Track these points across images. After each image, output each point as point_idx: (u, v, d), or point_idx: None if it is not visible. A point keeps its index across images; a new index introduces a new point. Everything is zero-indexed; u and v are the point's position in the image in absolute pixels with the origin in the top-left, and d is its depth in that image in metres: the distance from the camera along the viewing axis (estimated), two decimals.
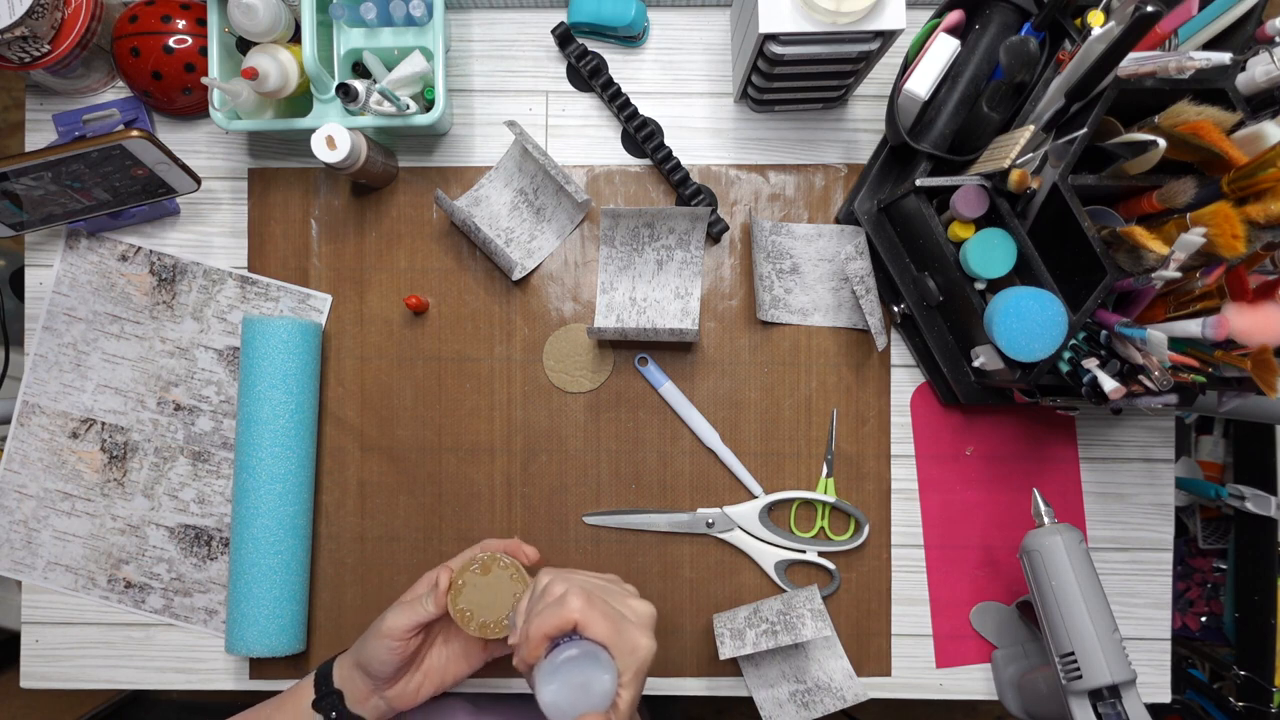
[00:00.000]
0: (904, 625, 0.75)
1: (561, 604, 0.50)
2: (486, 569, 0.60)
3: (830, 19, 0.58)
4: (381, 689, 0.59)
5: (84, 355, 0.75)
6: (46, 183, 0.67)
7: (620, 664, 0.49)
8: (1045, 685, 0.67)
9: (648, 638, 0.51)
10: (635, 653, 0.50)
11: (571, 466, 0.75)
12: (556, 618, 0.49)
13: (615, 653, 0.49)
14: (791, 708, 0.72)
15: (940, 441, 0.75)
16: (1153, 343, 0.54)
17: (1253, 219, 0.50)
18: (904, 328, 0.74)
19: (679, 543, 0.74)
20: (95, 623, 0.75)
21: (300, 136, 0.73)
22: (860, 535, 0.74)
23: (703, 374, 0.75)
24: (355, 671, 0.60)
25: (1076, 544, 0.62)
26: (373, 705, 0.60)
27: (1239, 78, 0.55)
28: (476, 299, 0.75)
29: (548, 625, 0.49)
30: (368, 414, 0.75)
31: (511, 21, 0.76)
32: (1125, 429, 0.76)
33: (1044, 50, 0.60)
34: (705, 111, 0.76)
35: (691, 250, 0.73)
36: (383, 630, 0.58)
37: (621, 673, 0.49)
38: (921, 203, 0.63)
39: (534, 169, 0.74)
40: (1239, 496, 1.04)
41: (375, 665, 0.58)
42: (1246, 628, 1.08)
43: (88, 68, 0.73)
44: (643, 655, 0.50)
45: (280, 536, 0.69)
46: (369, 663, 0.58)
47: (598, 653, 0.48)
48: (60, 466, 0.75)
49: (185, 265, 0.76)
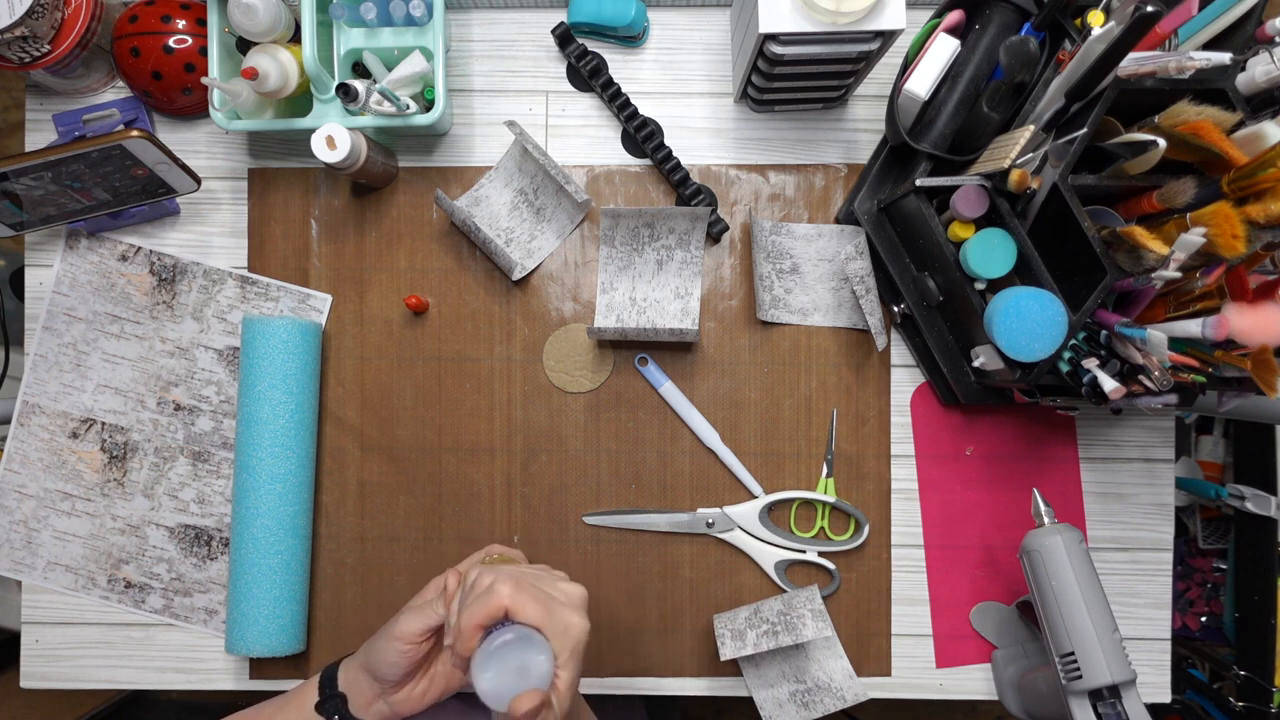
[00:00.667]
0: (904, 625, 0.75)
1: (490, 592, 0.50)
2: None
3: (830, 19, 0.58)
4: (388, 693, 0.59)
5: (84, 355, 0.75)
6: (46, 183, 0.67)
7: (555, 645, 0.49)
8: (1045, 685, 0.67)
9: (580, 617, 0.51)
10: (569, 632, 0.50)
11: (571, 466, 0.75)
12: (487, 605, 0.49)
13: (549, 634, 0.49)
14: (791, 708, 0.72)
15: (940, 441, 0.75)
16: (1153, 343, 0.54)
17: (1253, 219, 0.50)
18: (904, 328, 0.74)
19: (679, 543, 0.74)
20: (95, 623, 0.75)
21: (300, 136, 0.73)
22: (860, 535, 0.74)
23: (703, 374, 0.75)
24: (362, 675, 0.59)
25: (1076, 544, 0.62)
26: (376, 710, 0.60)
27: (1239, 78, 0.55)
28: (476, 299, 0.75)
29: (478, 615, 0.49)
30: (368, 414, 0.75)
31: (511, 21, 0.76)
32: (1125, 429, 0.76)
33: (1044, 50, 0.60)
34: (705, 111, 0.76)
35: (691, 250, 0.73)
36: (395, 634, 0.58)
37: (557, 653, 0.49)
38: (921, 203, 0.63)
39: (534, 169, 0.74)
40: (1239, 496, 1.04)
41: (384, 669, 0.58)
42: (1246, 628, 1.08)
43: (88, 68, 0.73)
44: (576, 634, 0.50)
45: (280, 536, 0.69)
46: (377, 666, 0.58)
47: (531, 635, 0.48)
48: (60, 466, 0.75)
49: (185, 265, 0.76)
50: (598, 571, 0.74)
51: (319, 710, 0.59)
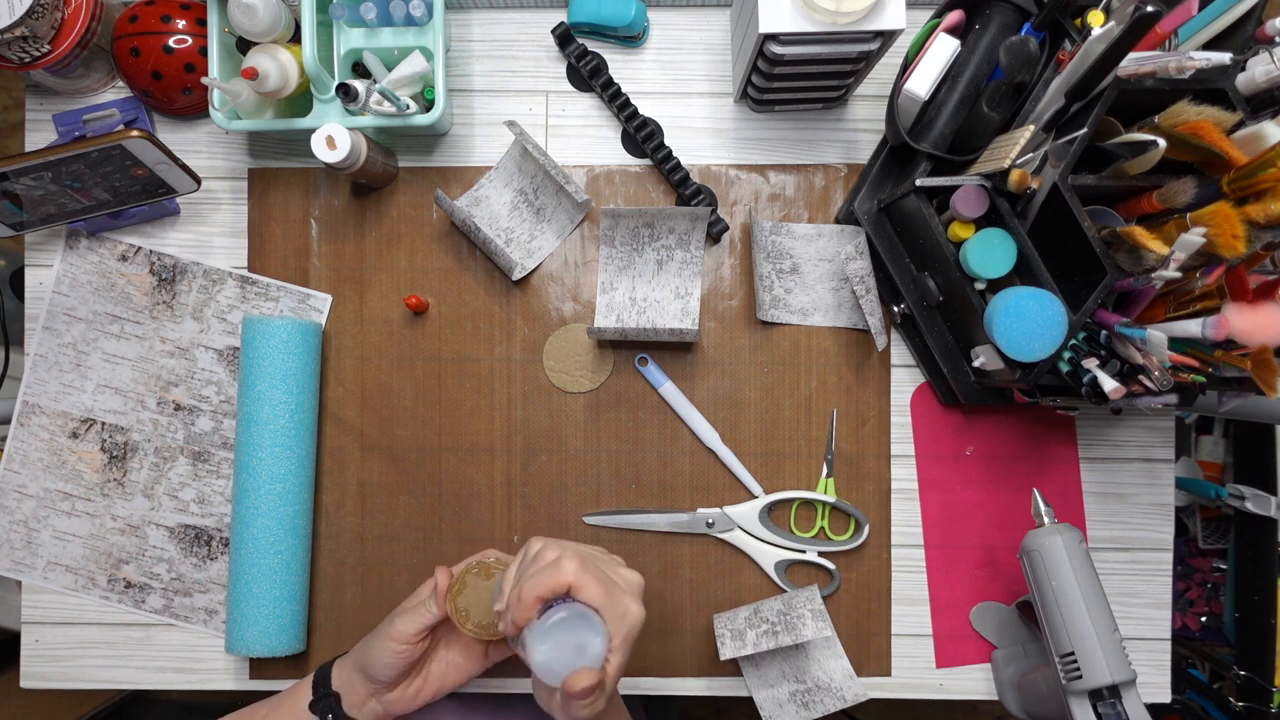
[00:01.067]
0: (904, 625, 0.75)
1: (556, 567, 0.50)
2: (488, 573, 0.60)
3: (830, 19, 0.58)
4: (381, 693, 0.59)
5: (84, 355, 0.75)
6: (46, 183, 0.67)
7: (611, 628, 0.49)
8: (1045, 685, 0.67)
9: (638, 604, 0.51)
10: (626, 618, 0.50)
11: (571, 466, 0.75)
12: (552, 579, 0.49)
13: (606, 617, 0.49)
14: (791, 708, 0.72)
15: (940, 441, 0.75)
16: (1153, 343, 0.54)
17: (1253, 219, 0.50)
18: (904, 328, 0.74)
19: (679, 543, 0.74)
20: (95, 623, 0.75)
21: (300, 136, 0.73)
22: (860, 535, 0.74)
23: (703, 374, 0.75)
24: (356, 675, 0.59)
25: (1076, 544, 0.62)
26: (369, 709, 0.60)
27: (1239, 78, 0.55)
28: (476, 299, 0.75)
29: (542, 586, 0.49)
30: (368, 414, 0.75)
31: (511, 21, 0.76)
32: (1125, 429, 0.76)
33: (1044, 50, 0.60)
34: (705, 111, 0.76)
35: (691, 250, 0.73)
36: (390, 634, 0.58)
37: (612, 636, 0.49)
38: (921, 203, 0.63)
39: (534, 169, 0.74)
40: (1239, 496, 1.04)
41: (378, 669, 0.58)
42: (1246, 628, 1.08)
43: (88, 68, 0.73)
44: (633, 620, 0.50)
45: (280, 536, 0.69)
46: (372, 666, 0.58)
47: (589, 615, 0.48)
48: (60, 466, 0.75)
49: (185, 265, 0.76)
50: None
51: (312, 709, 0.59)
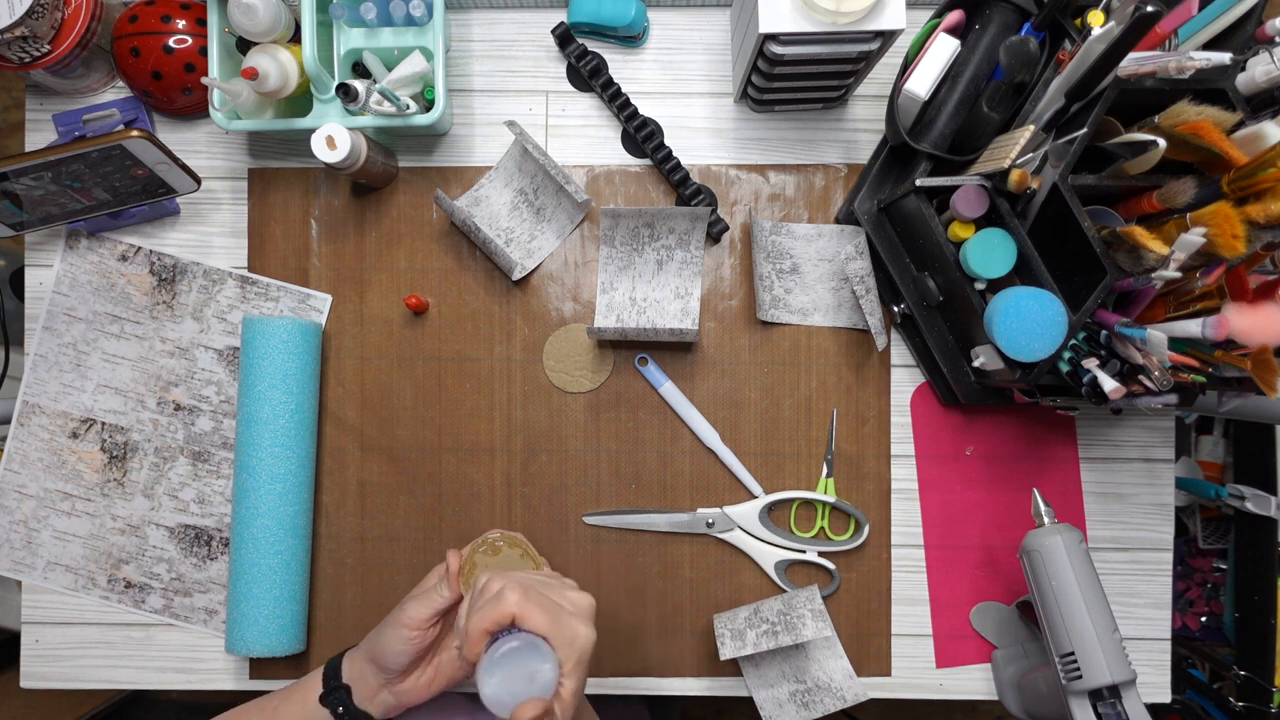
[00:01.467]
0: (904, 625, 0.75)
1: (499, 599, 0.50)
2: (496, 550, 0.60)
3: (830, 19, 0.58)
4: (393, 683, 0.59)
5: (84, 355, 0.75)
6: (46, 183, 0.67)
7: (561, 654, 0.49)
8: (1045, 685, 0.67)
9: (587, 626, 0.52)
10: (575, 641, 0.50)
11: (571, 466, 0.75)
12: (495, 611, 0.50)
13: (555, 643, 0.50)
14: (791, 708, 0.72)
15: (940, 441, 0.75)
16: (1153, 343, 0.54)
17: (1253, 219, 0.50)
18: (904, 328, 0.74)
19: (679, 543, 0.74)
20: (95, 623, 0.75)
21: (300, 136, 0.73)
22: (860, 535, 0.74)
23: (703, 374, 0.75)
24: (367, 666, 0.60)
25: (1076, 544, 0.62)
26: (381, 700, 0.60)
27: (1239, 78, 0.55)
28: (476, 299, 0.75)
29: (486, 620, 0.50)
30: (368, 414, 0.75)
31: (511, 21, 0.76)
32: (1125, 429, 0.76)
33: (1044, 50, 0.60)
34: (705, 111, 0.76)
35: (691, 250, 0.73)
36: (401, 620, 0.58)
37: (563, 662, 0.49)
38: (921, 203, 0.63)
39: (534, 169, 0.74)
40: (1239, 496, 1.04)
41: (390, 658, 0.58)
42: (1246, 628, 1.08)
43: (88, 68, 0.73)
44: (582, 644, 0.51)
45: (280, 536, 0.69)
46: (383, 655, 0.58)
47: (537, 643, 0.49)
48: (60, 466, 0.75)
49: (185, 265, 0.76)
50: (598, 571, 0.74)
51: (323, 702, 0.59)
